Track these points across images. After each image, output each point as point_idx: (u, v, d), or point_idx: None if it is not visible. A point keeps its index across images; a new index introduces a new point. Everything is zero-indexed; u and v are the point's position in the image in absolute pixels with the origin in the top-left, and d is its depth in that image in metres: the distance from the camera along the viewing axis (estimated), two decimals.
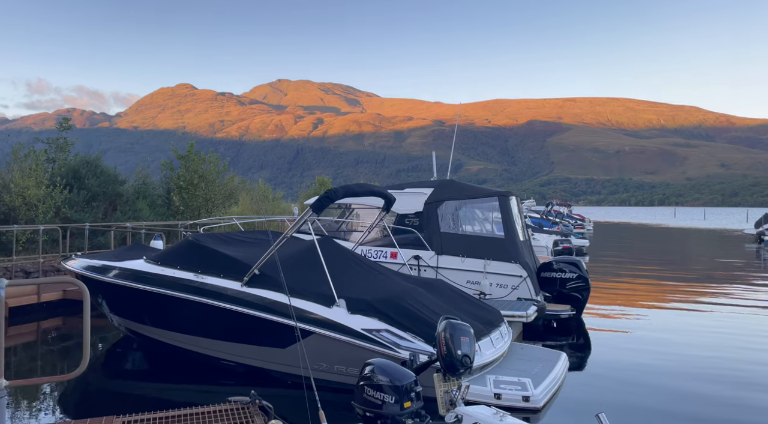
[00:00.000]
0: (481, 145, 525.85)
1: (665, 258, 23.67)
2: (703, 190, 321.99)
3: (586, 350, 8.96)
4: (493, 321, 6.91)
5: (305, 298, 6.32)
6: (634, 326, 10.39)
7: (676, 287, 15.20)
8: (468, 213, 11.16)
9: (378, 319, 6.03)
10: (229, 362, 6.95)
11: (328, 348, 6.06)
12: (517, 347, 7.21)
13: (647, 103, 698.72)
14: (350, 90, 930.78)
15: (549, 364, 6.52)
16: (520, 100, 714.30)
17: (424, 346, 5.70)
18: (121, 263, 7.82)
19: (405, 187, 11.50)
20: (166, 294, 7.02)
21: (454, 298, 7.23)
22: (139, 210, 17.96)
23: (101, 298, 8.20)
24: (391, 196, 8.11)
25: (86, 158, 17.81)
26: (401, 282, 7.19)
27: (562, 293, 10.43)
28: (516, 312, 8.38)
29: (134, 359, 8.20)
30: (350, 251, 8.07)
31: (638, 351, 8.58)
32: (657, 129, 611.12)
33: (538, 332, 9.75)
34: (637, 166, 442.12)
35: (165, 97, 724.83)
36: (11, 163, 14.82)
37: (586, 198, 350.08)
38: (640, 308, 12.12)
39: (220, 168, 22.05)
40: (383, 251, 10.94)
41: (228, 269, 6.94)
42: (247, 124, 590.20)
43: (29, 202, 14.20)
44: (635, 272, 18.86)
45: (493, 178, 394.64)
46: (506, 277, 9.84)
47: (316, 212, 6.44)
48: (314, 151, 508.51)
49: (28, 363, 8.04)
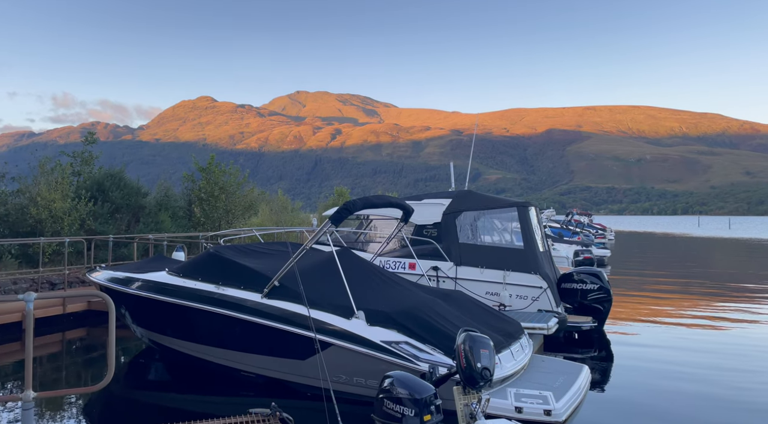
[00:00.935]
0: (500, 155, 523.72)
1: (690, 269, 23.23)
2: (727, 198, 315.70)
3: (609, 363, 8.83)
4: (513, 333, 6.85)
5: (324, 309, 6.35)
6: (658, 339, 10.21)
7: (703, 299, 14.89)
8: (486, 223, 11.11)
9: (397, 331, 6.02)
10: (249, 374, 7.00)
11: (347, 360, 6.07)
12: (537, 360, 7.13)
13: (669, 111, 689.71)
14: (368, 100, 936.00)
15: (571, 377, 6.43)
16: (538, 109, 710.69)
17: (443, 358, 5.67)
18: (144, 275, 7.95)
19: (423, 198, 11.51)
20: (188, 306, 7.11)
21: (474, 309, 7.19)
22: (161, 222, 18.24)
23: (124, 309, 8.33)
24: (410, 208, 8.12)
25: (110, 171, 18.16)
26: (420, 294, 7.18)
27: (584, 305, 10.29)
28: (536, 324, 8.30)
29: (156, 369, 8.31)
30: (369, 262, 8.09)
31: (662, 364, 8.42)
32: (679, 137, 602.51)
33: (559, 344, 9.63)
34: (659, 174, 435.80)
35: (186, 109, 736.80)
36: (38, 177, 15.19)
37: (607, 207, 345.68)
38: (665, 321, 11.91)
39: (240, 180, 22.31)
40: (401, 262, 10.94)
41: (248, 280, 7.01)
42: (266, 135, 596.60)
43: (55, 215, 14.52)
44: (659, 283, 18.54)
45: (511, 188, 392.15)
46: (526, 288, 9.76)
47: (335, 223, 6.48)
48: (332, 161, 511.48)
49: (53, 374, 8.19)
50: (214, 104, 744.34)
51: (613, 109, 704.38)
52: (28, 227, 14.40)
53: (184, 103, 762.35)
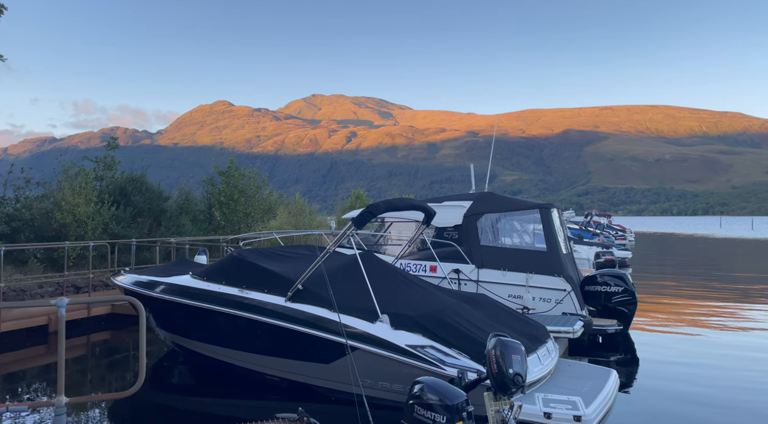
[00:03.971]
0: (516, 156, 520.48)
1: (714, 271, 22.80)
2: (749, 198, 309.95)
3: (635, 367, 8.70)
4: (540, 337, 6.76)
5: (348, 313, 6.33)
6: (685, 343, 10.03)
7: (730, 302, 14.60)
8: (508, 226, 11.01)
9: (422, 335, 5.98)
10: (273, 377, 7.00)
11: (372, 364, 6.04)
12: (564, 364, 7.02)
13: (688, 110, 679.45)
14: (383, 103, 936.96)
15: (599, 381, 6.32)
16: (555, 109, 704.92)
17: (470, 363, 5.61)
18: (167, 279, 8.00)
19: (444, 200, 11.44)
20: (212, 309, 7.14)
21: (498, 313, 7.11)
22: (182, 225, 18.39)
23: (149, 312, 8.38)
24: (432, 210, 8.07)
25: (132, 176, 18.37)
26: (444, 297, 7.13)
27: (608, 308, 10.15)
28: (562, 328, 8.19)
29: (181, 373, 8.36)
30: (392, 265, 8.06)
31: (691, 368, 8.27)
32: (699, 136, 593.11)
33: (584, 348, 9.50)
34: (679, 174, 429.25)
35: (203, 114, 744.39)
36: (62, 182, 15.41)
37: (626, 208, 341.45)
38: (691, 324, 11.69)
39: (259, 183, 22.44)
40: (422, 265, 10.89)
41: (272, 284, 7.02)
42: (282, 138, 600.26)
43: (79, 220, 14.73)
44: (683, 285, 18.23)
45: (528, 189, 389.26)
46: (550, 291, 9.65)
47: (358, 226, 6.46)
48: (348, 164, 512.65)
49: (79, 377, 8.27)
50: (231, 108, 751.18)
51: (631, 108, 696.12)
52: (53, 231, 14.62)
53: (201, 108, 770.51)
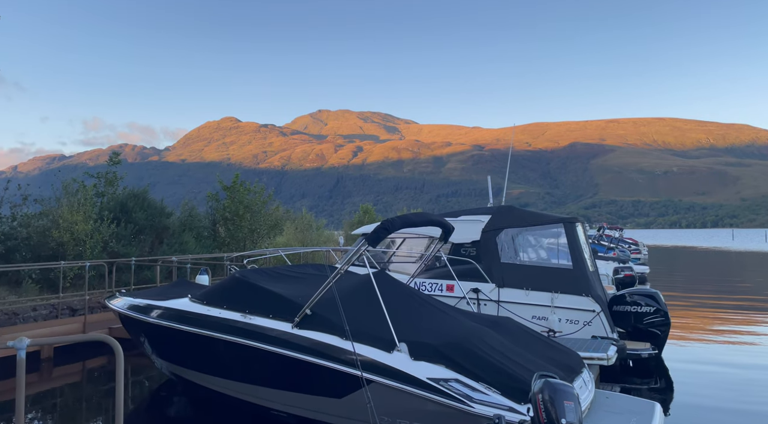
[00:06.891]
0: (522, 169, 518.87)
1: (737, 284, 21.97)
2: (759, 210, 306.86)
3: (671, 393, 8.03)
4: (574, 366, 6.05)
5: (361, 341, 5.65)
6: (720, 363, 9.34)
7: (759, 317, 13.81)
8: (529, 241, 10.32)
9: (445, 366, 5.30)
10: (280, 412, 6.33)
11: (390, 399, 5.36)
12: (601, 396, 6.29)
13: (694, 123, 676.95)
14: (389, 118, 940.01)
15: (644, 417, 5.61)
16: (560, 122, 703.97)
17: (500, 399, 4.92)
18: (165, 302, 7.38)
19: (460, 214, 10.79)
20: (212, 336, 6.50)
21: (527, 339, 6.41)
22: (185, 243, 17.81)
23: (144, 338, 7.77)
24: (450, 226, 7.42)
25: (134, 191, 17.85)
26: (467, 322, 6.44)
27: (639, 329, 9.40)
28: (595, 354, 7.48)
29: (178, 405, 7.72)
30: (408, 286, 7.38)
31: (733, 393, 7.56)
32: (706, 148, 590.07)
33: (616, 374, 8.78)
34: (687, 187, 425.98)
35: (211, 130, 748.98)
36: (61, 199, 14.89)
37: (634, 221, 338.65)
38: (723, 343, 10.95)
39: (264, 198, 21.90)
40: (438, 284, 10.22)
41: (277, 308, 6.37)
42: (288, 154, 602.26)
43: (77, 238, 14.17)
44: (707, 300, 17.45)
45: (535, 202, 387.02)
46: (577, 312, 8.94)
47: (373, 244, 5.83)
48: (354, 178, 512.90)
49: (72, 404, 7.66)
50: (238, 124, 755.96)
51: (637, 121, 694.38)
52: (50, 250, 14.06)
53: (208, 124, 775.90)
